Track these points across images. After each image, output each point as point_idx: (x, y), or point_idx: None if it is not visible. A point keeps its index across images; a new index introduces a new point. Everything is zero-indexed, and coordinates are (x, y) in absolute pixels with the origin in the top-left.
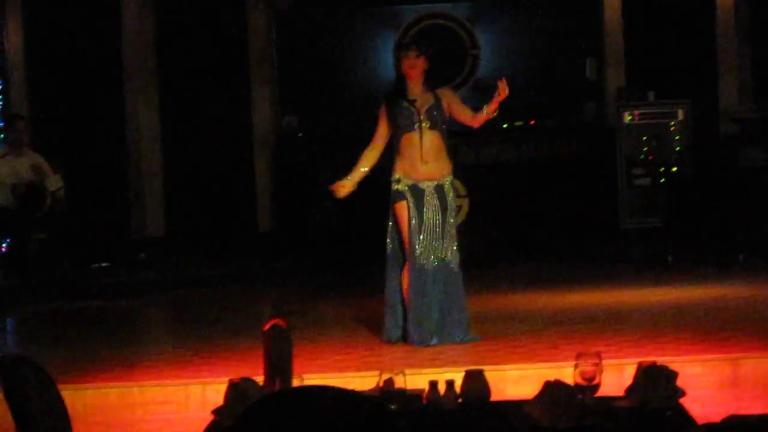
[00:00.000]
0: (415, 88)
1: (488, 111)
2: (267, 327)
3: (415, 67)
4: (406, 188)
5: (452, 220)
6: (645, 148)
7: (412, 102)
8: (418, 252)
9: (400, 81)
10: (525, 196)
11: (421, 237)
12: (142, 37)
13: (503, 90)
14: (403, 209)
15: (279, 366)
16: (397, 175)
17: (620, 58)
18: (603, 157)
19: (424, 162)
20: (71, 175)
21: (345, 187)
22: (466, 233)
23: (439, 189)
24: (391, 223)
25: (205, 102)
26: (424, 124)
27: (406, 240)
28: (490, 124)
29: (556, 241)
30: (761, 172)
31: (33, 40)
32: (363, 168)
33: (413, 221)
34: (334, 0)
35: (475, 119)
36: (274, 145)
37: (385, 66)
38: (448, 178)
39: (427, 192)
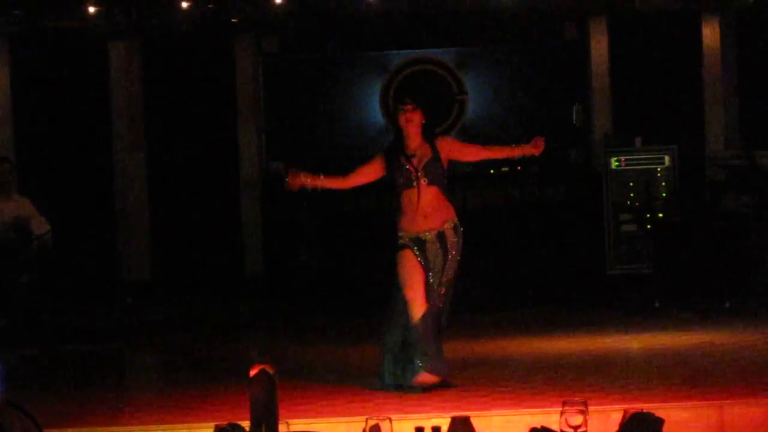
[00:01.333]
0: (413, 142)
1: (511, 151)
2: (253, 372)
3: (412, 121)
4: (408, 240)
5: (454, 263)
6: (632, 194)
7: (410, 158)
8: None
9: (398, 135)
10: (511, 241)
11: (430, 276)
12: (129, 81)
13: (537, 147)
14: (408, 253)
15: (265, 411)
16: (400, 233)
17: (607, 104)
18: (590, 203)
19: (423, 216)
20: (58, 219)
21: (299, 177)
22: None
23: (441, 235)
24: (398, 272)
25: (192, 146)
26: (422, 181)
27: (411, 284)
28: (476, 168)
29: (543, 286)
30: (747, 217)
31: (20, 84)
32: (324, 179)
33: (422, 262)
34: (321, 45)
35: (490, 151)
36: (260, 190)
37: (373, 111)
38: (450, 223)
39: (428, 241)
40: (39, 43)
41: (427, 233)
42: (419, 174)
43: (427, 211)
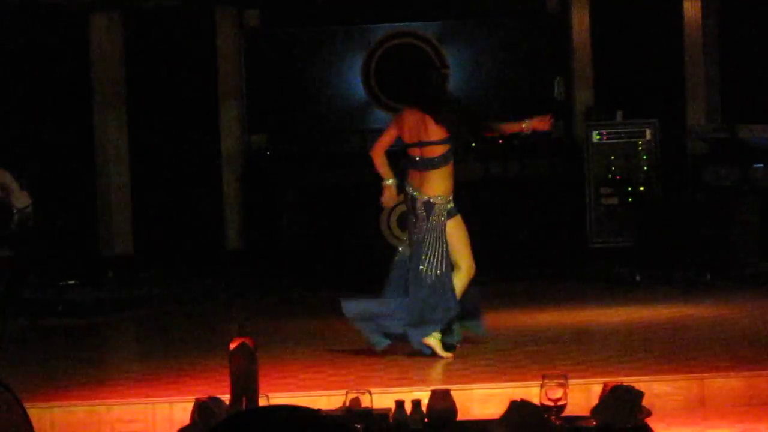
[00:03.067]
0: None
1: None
2: (233, 346)
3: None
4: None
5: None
6: (613, 168)
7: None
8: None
9: None
10: (492, 214)
11: None
12: (110, 55)
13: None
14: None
15: (245, 385)
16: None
17: (588, 78)
18: (571, 176)
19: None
20: (39, 193)
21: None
22: None
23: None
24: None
25: (173, 120)
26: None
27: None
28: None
29: (524, 259)
30: (728, 191)
31: None
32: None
33: None
34: (303, 18)
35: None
36: (242, 163)
37: (354, 84)
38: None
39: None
40: (19, 15)
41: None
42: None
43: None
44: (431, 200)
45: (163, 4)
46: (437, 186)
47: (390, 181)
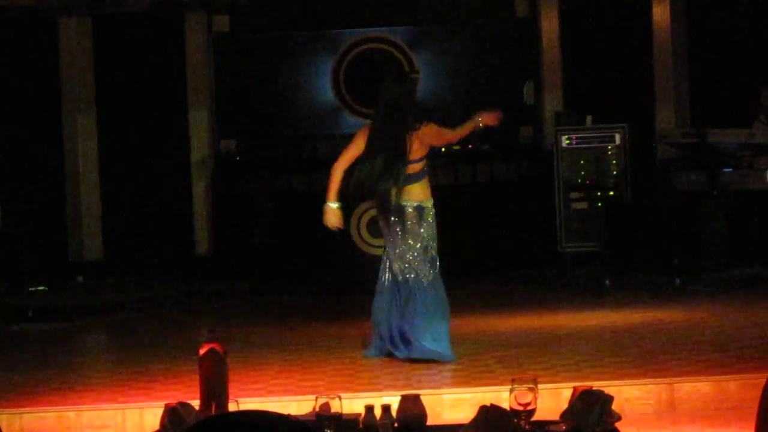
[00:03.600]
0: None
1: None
2: (203, 351)
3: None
4: None
5: None
6: (582, 172)
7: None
8: None
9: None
10: (462, 219)
11: None
12: (79, 59)
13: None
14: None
15: (215, 390)
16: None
17: (557, 82)
18: (540, 181)
19: None
20: (8, 199)
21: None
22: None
23: None
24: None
25: (142, 125)
26: None
27: None
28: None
29: (494, 264)
30: (697, 195)
31: None
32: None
33: None
34: (272, 23)
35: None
36: (211, 169)
37: (324, 89)
38: None
39: None
40: None
41: None
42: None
43: None
44: (422, 204)
45: (133, 9)
46: (423, 193)
47: (335, 205)
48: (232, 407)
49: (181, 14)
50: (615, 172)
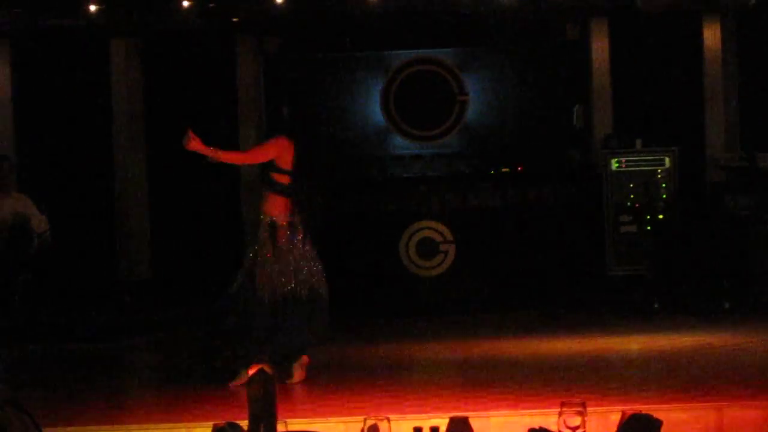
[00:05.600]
0: None
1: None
2: (252, 371)
3: None
4: None
5: None
6: (632, 195)
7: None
8: None
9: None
10: (511, 241)
11: None
12: (129, 80)
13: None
14: None
15: (263, 410)
16: None
17: (608, 105)
18: (590, 204)
19: None
20: (58, 217)
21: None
22: (452, 279)
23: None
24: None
25: None
26: None
27: None
28: (476, 170)
29: (543, 287)
30: (747, 220)
31: (21, 81)
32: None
33: None
34: (322, 45)
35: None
36: (261, 189)
37: (374, 111)
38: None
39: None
40: (40, 41)
41: None
42: None
43: None
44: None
45: (183, 28)
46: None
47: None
48: (280, 428)
49: (232, 35)
50: (664, 196)
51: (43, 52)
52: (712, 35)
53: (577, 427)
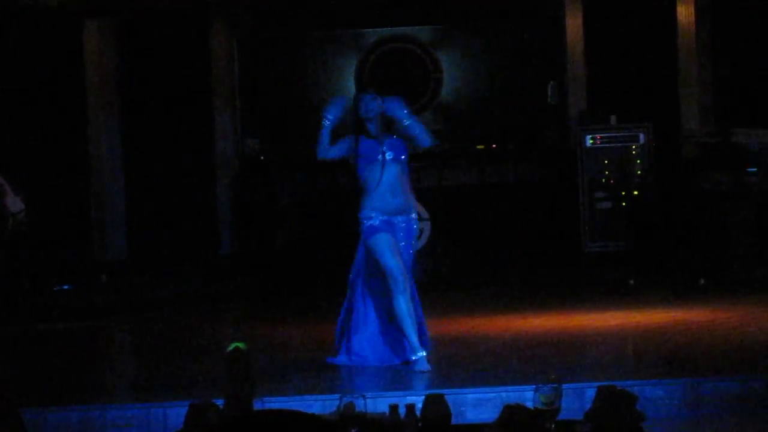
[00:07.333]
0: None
1: None
2: (228, 351)
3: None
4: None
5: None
6: (607, 172)
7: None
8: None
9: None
10: (487, 218)
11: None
12: (104, 60)
13: None
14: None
15: (240, 389)
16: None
17: (582, 82)
18: (565, 181)
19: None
20: (33, 198)
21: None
22: (428, 256)
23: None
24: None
25: (166, 125)
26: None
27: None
28: (451, 147)
29: (518, 264)
30: (722, 195)
31: None
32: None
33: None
34: (295, 23)
35: None
36: (235, 168)
37: (347, 89)
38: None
39: (398, 227)
40: (13, 21)
41: (398, 218)
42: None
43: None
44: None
45: (157, 8)
46: None
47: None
48: (257, 406)
49: (206, 14)
50: (639, 172)
51: (17, 31)
52: (685, 11)
53: (553, 403)
